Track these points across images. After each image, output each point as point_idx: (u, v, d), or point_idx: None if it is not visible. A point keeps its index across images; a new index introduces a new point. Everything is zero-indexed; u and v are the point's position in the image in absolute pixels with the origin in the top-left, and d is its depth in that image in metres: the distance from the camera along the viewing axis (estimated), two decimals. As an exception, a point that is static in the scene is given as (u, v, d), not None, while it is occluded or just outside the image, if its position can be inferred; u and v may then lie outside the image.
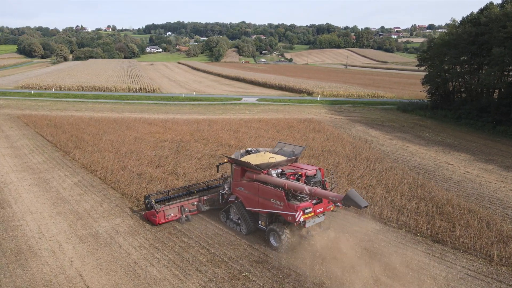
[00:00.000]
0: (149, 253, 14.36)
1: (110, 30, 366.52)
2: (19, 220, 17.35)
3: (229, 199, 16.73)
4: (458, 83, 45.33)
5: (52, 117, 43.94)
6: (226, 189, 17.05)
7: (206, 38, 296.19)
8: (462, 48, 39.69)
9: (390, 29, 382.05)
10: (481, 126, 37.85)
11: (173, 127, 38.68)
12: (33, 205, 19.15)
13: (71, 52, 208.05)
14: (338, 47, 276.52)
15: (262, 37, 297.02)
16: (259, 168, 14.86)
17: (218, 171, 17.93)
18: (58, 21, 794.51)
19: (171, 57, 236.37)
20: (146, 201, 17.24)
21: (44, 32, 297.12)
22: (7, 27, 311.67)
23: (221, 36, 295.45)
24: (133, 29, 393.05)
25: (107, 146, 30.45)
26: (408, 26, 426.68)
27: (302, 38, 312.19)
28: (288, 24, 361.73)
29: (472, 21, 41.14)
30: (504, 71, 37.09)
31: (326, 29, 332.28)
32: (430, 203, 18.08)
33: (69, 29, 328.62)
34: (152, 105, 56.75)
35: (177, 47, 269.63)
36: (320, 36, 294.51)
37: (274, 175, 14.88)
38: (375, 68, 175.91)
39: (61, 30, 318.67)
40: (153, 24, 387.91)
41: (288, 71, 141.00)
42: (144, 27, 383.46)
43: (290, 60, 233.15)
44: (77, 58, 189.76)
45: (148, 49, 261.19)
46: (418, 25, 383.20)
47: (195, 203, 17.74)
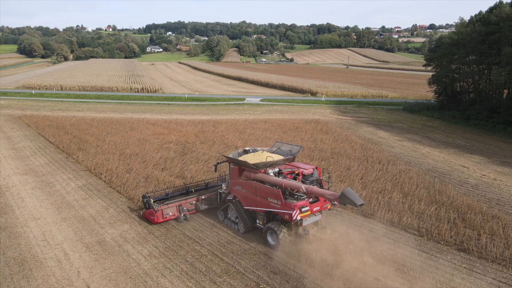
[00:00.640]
0: (160, 262, 13.64)
1: (111, 30, 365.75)
2: (22, 227, 16.63)
3: (227, 198, 16.74)
4: (466, 83, 44.59)
5: (54, 118, 43.24)
6: (224, 188, 17.12)
7: (206, 38, 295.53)
8: (471, 48, 38.94)
9: (391, 28, 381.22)
10: (492, 127, 37.10)
11: (177, 128, 37.97)
12: (37, 210, 18.43)
13: (72, 52, 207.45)
14: (339, 47, 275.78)
15: (263, 36, 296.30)
16: (257, 167, 14.91)
17: (216, 170, 18.03)
18: (58, 21, 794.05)
19: (172, 57, 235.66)
20: (145, 200, 17.24)
21: (44, 32, 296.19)
22: (7, 27, 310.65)
23: (221, 36, 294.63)
24: (133, 28, 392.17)
25: (111, 148, 29.74)
26: (408, 26, 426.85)
27: (303, 38, 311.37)
28: (289, 24, 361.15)
29: (482, 20, 40.39)
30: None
31: (327, 28, 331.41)
32: (450, 208, 17.36)
33: (70, 29, 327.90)
34: (154, 106, 56.04)
35: (177, 47, 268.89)
36: (321, 36, 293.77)
37: (272, 174, 14.91)
38: (376, 68, 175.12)
39: (61, 30, 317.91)
40: (153, 24, 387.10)
41: (290, 71, 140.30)
42: (144, 26, 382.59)
43: (291, 60, 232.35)
44: (77, 58, 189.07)
45: (148, 49, 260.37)
46: (419, 25, 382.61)
47: (194, 202, 17.77)
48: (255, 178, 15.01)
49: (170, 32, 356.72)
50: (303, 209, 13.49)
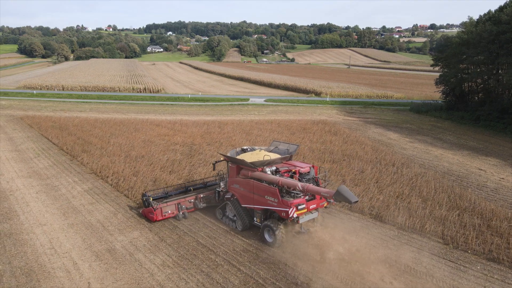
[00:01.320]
0: (174, 273, 12.96)
1: (111, 29, 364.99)
2: (28, 233, 15.96)
3: (225, 196, 16.96)
4: (475, 84, 43.88)
5: (56, 119, 42.57)
6: (222, 186, 17.33)
7: (207, 38, 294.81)
8: (482, 47, 38.23)
9: (392, 28, 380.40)
10: (503, 129, 36.37)
11: (182, 129, 37.29)
12: (42, 216, 17.76)
13: (72, 51, 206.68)
14: (340, 46, 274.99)
15: (264, 36, 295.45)
16: (254, 165, 15.10)
17: (214, 169, 18.21)
18: (58, 20, 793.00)
19: (173, 57, 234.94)
20: (144, 199, 17.43)
21: (44, 31, 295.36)
22: (7, 27, 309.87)
23: (222, 35, 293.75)
24: (133, 28, 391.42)
25: (116, 150, 29.06)
26: (409, 25, 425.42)
27: (304, 37, 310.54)
28: (289, 24, 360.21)
29: (492, 19, 39.68)
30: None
31: (328, 28, 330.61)
32: (473, 214, 16.68)
33: (70, 29, 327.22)
34: (157, 106, 55.35)
35: (178, 47, 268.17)
36: (322, 36, 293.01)
37: (269, 172, 15.07)
38: (378, 68, 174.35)
39: (61, 29, 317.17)
40: (153, 24, 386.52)
41: (291, 71, 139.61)
42: (144, 26, 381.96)
43: (292, 60, 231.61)
44: (78, 58, 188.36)
45: (149, 49, 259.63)
46: (420, 25, 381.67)
47: (192, 200, 17.96)
48: (252, 177, 15.21)
49: (170, 32, 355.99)
50: (299, 207, 13.68)
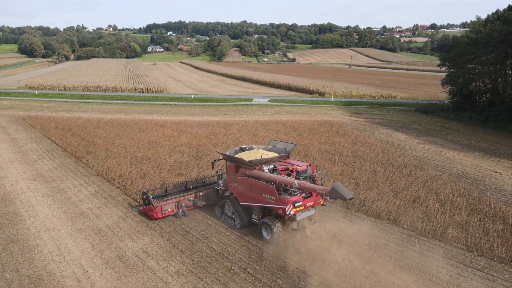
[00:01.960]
0: (189, 282, 12.42)
1: (111, 29, 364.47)
2: (35, 239, 15.41)
3: (224, 194, 17.27)
4: (482, 84, 43.36)
5: (59, 119, 42.03)
6: (221, 185, 17.59)
7: (207, 38, 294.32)
8: (491, 47, 37.68)
9: (392, 28, 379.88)
10: (513, 129, 35.93)
11: (187, 130, 36.76)
12: (49, 220, 17.22)
13: (73, 51, 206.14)
14: (341, 46, 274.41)
15: (264, 36, 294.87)
16: (252, 164, 15.34)
17: (213, 167, 18.65)
18: (58, 20, 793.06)
19: (173, 57, 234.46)
20: (144, 197, 17.64)
21: (45, 31, 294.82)
22: (7, 27, 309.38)
23: (223, 35, 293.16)
24: (134, 28, 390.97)
25: (121, 151, 28.52)
26: (410, 25, 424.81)
27: (304, 37, 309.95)
28: (290, 24, 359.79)
29: (501, 18, 39.16)
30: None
31: (328, 28, 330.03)
32: (495, 219, 16.15)
33: (70, 29, 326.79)
34: (161, 106, 54.84)
35: (179, 47, 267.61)
36: (323, 36, 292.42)
37: (266, 170, 15.38)
38: (379, 67, 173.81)
39: (62, 29, 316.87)
40: (154, 24, 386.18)
41: (293, 70, 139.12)
42: (145, 26, 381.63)
43: (293, 60, 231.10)
44: (78, 58, 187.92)
45: (149, 49, 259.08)
46: (420, 25, 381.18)
47: (192, 198, 18.22)
48: (250, 175, 15.45)
49: (170, 32, 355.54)
50: (296, 204, 13.90)
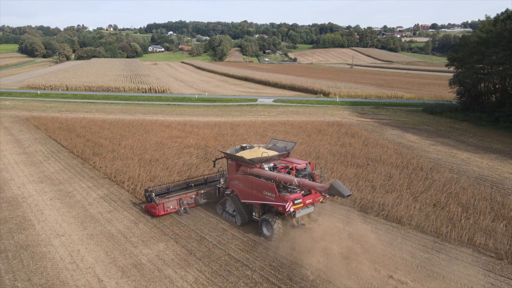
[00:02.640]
0: (210, 292, 11.89)
1: (111, 29, 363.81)
2: (45, 245, 14.86)
3: (225, 192, 17.53)
4: (491, 84, 42.84)
5: (63, 119, 41.50)
6: (222, 183, 17.86)
7: (208, 38, 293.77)
8: (502, 46, 37.13)
9: (393, 28, 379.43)
10: (525, 130, 35.38)
11: (193, 130, 36.22)
12: (59, 225, 16.66)
13: (74, 51, 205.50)
14: (342, 46, 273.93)
15: (265, 36, 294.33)
16: (253, 162, 15.60)
17: (214, 166, 18.91)
18: (58, 20, 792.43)
19: (174, 57, 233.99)
20: (147, 194, 17.86)
21: (45, 31, 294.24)
22: (8, 26, 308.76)
23: (223, 35, 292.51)
24: (134, 28, 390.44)
25: (128, 153, 27.97)
26: (410, 25, 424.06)
27: (305, 37, 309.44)
28: (290, 24, 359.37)
29: (511, 17, 38.61)
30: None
31: (329, 28, 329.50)
32: (522, 225, 15.62)
33: (71, 28, 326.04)
34: (164, 106, 54.29)
35: (179, 47, 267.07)
36: (324, 36, 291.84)
37: (267, 169, 15.62)
38: (381, 67, 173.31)
39: (62, 29, 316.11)
40: (154, 23, 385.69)
41: (295, 70, 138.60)
42: (145, 26, 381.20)
43: (294, 60, 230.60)
44: (79, 58, 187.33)
45: (150, 49, 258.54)
46: (421, 25, 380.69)
47: (193, 196, 18.50)
48: (251, 173, 15.67)
49: (171, 32, 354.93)
50: (296, 201, 14.12)
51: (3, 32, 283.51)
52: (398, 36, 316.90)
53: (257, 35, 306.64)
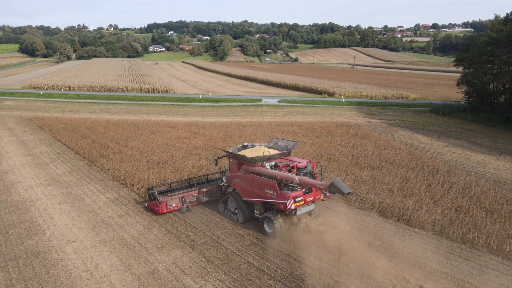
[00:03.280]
0: (233, 302, 11.35)
1: (112, 29, 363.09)
2: (57, 252, 14.32)
3: (227, 190, 17.65)
4: (501, 84, 42.27)
5: (67, 120, 40.95)
6: (224, 181, 17.93)
7: (208, 37, 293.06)
8: (513, 46, 36.65)
9: (394, 28, 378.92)
10: (537, 131, 34.83)
11: (200, 131, 35.68)
12: (70, 231, 16.12)
13: (74, 51, 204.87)
14: (343, 46, 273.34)
15: (266, 36, 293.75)
16: (254, 161, 15.79)
17: (216, 164, 19.15)
18: (59, 20, 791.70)
19: (175, 56, 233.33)
20: (150, 193, 18.11)
21: (45, 31, 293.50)
22: (8, 26, 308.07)
23: (224, 35, 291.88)
24: (134, 28, 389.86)
25: (135, 154, 27.44)
26: (411, 25, 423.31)
27: (306, 37, 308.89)
28: (291, 23, 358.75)
29: (522, 17, 38.13)
30: None
31: (330, 28, 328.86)
32: (551, 231, 15.08)
33: (71, 28, 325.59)
34: (168, 107, 53.70)
35: (180, 46, 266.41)
36: (325, 35, 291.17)
37: (268, 167, 15.81)
38: (383, 67, 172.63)
39: (62, 29, 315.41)
40: (155, 23, 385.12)
41: (296, 70, 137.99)
42: (145, 26, 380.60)
43: (295, 60, 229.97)
44: (80, 57, 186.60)
45: (151, 48, 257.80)
46: (422, 24, 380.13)
47: (195, 194, 18.68)
48: (252, 171, 15.89)
49: (171, 32, 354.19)
50: (297, 199, 14.33)
51: (4, 32, 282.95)
52: (399, 36, 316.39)
53: (257, 35, 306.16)
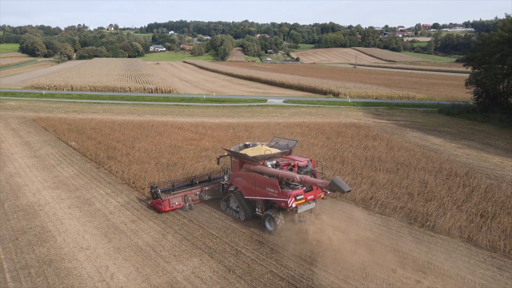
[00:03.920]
0: (259, 316, 10.72)
1: (112, 29, 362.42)
2: (70, 260, 13.69)
3: (229, 189, 17.89)
4: (510, 84, 41.71)
5: (71, 121, 40.32)
6: (226, 179, 18.20)
7: (209, 37, 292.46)
8: (526, 46, 36.06)
9: (394, 28, 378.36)
10: (551, 133, 34.24)
11: (207, 132, 35.06)
12: (82, 237, 15.49)
13: (75, 51, 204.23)
14: (344, 46, 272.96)
15: (267, 36, 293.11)
16: (256, 159, 15.98)
17: (218, 163, 19.25)
18: (59, 20, 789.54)
19: (176, 56, 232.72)
20: (153, 191, 18.21)
21: (46, 31, 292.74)
22: (8, 26, 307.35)
23: (225, 35, 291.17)
24: (135, 28, 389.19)
25: (143, 156, 26.81)
26: (411, 25, 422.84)
27: (307, 37, 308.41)
28: (292, 23, 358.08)
29: (534, 16, 37.51)
30: None
31: (331, 28, 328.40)
32: None
33: (71, 28, 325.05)
34: (173, 107, 53.07)
35: (181, 46, 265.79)
36: (326, 35, 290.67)
37: (269, 166, 15.94)
38: (385, 67, 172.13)
39: (63, 29, 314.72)
40: (155, 23, 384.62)
41: (298, 70, 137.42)
42: (146, 26, 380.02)
43: (296, 59, 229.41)
44: (81, 57, 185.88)
45: (151, 48, 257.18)
46: (423, 24, 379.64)
47: (198, 193, 18.88)
48: (254, 170, 16.09)
49: (172, 31, 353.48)
50: (298, 197, 14.49)
51: (4, 32, 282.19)
52: (400, 36, 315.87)
53: (258, 35, 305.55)
